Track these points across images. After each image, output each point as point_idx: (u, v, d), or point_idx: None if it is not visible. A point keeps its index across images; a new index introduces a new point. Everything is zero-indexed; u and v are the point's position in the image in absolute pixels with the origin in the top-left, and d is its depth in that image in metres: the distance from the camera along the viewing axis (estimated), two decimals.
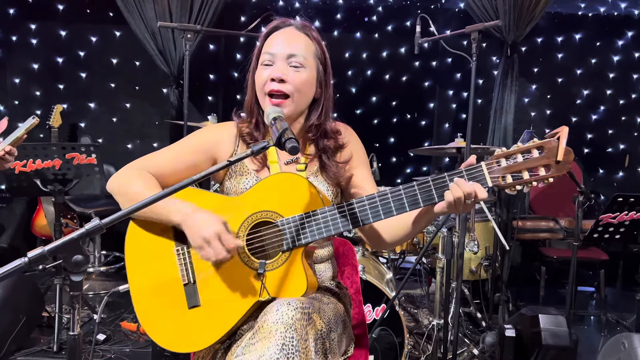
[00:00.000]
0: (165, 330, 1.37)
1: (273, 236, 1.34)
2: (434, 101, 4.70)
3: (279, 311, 1.18)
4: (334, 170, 1.46)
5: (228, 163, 1.13)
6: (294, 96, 1.40)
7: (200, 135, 1.52)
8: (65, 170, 2.94)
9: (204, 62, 4.39)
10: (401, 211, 1.27)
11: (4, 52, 4.50)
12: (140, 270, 1.40)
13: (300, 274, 1.30)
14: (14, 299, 2.82)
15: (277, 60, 1.40)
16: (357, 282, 1.68)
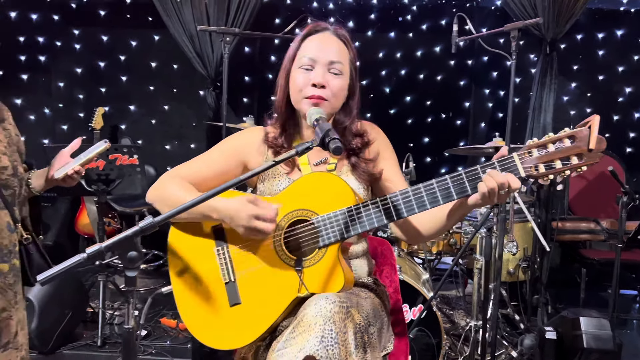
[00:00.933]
0: (209, 329, 1.41)
1: (309, 233, 1.37)
2: (469, 100, 4.64)
3: (317, 305, 1.22)
4: (363, 168, 1.49)
5: (274, 163, 1.17)
6: (331, 101, 1.44)
7: (229, 142, 1.58)
8: (108, 170, 3.04)
9: (239, 64, 4.45)
10: (435, 204, 1.29)
11: (49, 57, 4.68)
12: (183, 272, 1.45)
13: (338, 270, 1.33)
14: (60, 295, 2.94)
15: (318, 65, 1.43)
16: (396, 281, 1.69)
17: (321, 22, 1.50)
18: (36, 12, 4.57)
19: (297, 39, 1.49)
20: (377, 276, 1.63)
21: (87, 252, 0.98)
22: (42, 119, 4.73)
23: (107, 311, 3.25)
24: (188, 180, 1.49)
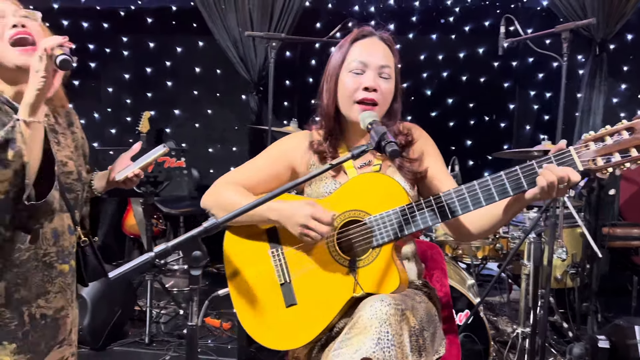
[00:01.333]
0: (266, 329, 1.43)
1: (362, 234, 1.38)
2: (514, 102, 4.55)
3: (373, 307, 1.22)
4: (408, 167, 1.49)
5: (330, 166, 1.19)
6: (381, 104, 1.45)
7: (277, 146, 1.61)
8: (156, 173, 3.13)
9: (280, 68, 4.50)
10: (490, 201, 1.28)
11: (99, 63, 4.85)
12: (239, 274, 1.48)
13: (393, 269, 1.33)
14: (111, 293, 3.03)
15: (369, 69, 1.44)
16: (447, 285, 1.68)
17: (367, 27, 1.53)
18: (87, 21, 4.75)
19: (345, 43, 1.51)
20: (427, 280, 1.62)
21: (155, 251, 1.01)
22: (92, 123, 4.91)
23: (154, 310, 3.33)
24: (241, 185, 1.53)
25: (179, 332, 3.19)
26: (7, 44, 1.37)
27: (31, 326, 1.42)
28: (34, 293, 1.43)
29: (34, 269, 1.42)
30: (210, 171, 4.84)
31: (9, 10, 1.40)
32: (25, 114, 1.27)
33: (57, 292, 1.48)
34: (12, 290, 1.38)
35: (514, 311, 3.50)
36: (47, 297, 1.45)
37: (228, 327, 3.25)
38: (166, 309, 3.53)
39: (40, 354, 1.45)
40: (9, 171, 1.24)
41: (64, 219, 1.47)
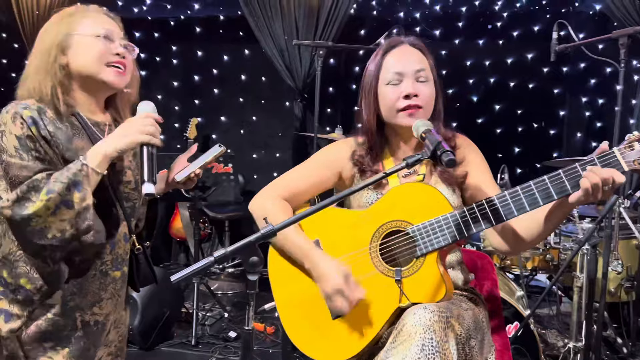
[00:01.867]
0: (313, 342, 1.44)
1: (405, 244, 1.39)
2: (564, 109, 4.42)
3: (417, 314, 1.23)
4: (450, 172, 1.48)
5: (384, 174, 1.19)
6: (425, 108, 1.46)
7: (323, 153, 1.63)
8: (204, 178, 3.20)
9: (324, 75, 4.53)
10: (534, 206, 1.26)
11: (150, 72, 5.02)
12: (284, 286, 1.50)
13: (438, 278, 1.33)
14: (159, 295, 3.12)
15: (405, 77, 1.45)
16: (497, 296, 1.65)
17: (396, 37, 1.55)
18: (139, 31, 4.92)
19: (376, 57, 1.53)
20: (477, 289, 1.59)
21: (215, 256, 1.04)
22: None
23: (199, 312, 3.40)
24: (287, 192, 1.56)
25: (224, 334, 3.24)
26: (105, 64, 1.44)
27: (83, 332, 1.47)
28: (89, 301, 1.47)
29: (92, 277, 1.46)
30: (254, 177, 4.92)
31: (117, 35, 1.48)
32: (96, 162, 1.33)
33: (109, 299, 1.52)
34: (68, 299, 1.43)
35: (563, 324, 3.39)
36: (100, 304, 1.50)
37: (272, 331, 3.28)
38: (211, 312, 3.60)
39: (89, 358, 1.50)
40: (72, 212, 1.30)
41: (122, 227, 1.50)
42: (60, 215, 1.30)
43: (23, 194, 1.29)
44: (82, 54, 1.42)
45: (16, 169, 1.31)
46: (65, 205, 1.29)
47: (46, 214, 1.28)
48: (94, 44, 1.43)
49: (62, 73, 1.40)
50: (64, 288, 1.41)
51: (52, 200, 1.28)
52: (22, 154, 1.33)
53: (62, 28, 1.43)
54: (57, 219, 1.30)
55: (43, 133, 1.35)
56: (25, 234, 1.32)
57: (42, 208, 1.28)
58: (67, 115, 1.42)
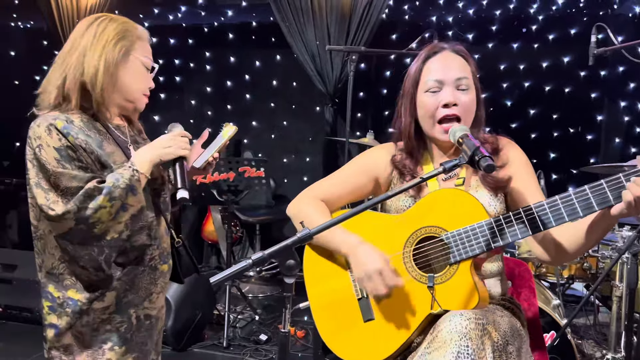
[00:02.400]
0: (344, 343, 1.45)
1: (439, 250, 1.37)
2: (602, 114, 4.31)
3: (452, 321, 1.21)
4: (491, 177, 1.45)
5: (421, 179, 1.18)
6: (464, 117, 1.43)
7: (360, 159, 1.64)
8: (237, 182, 3.25)
9: (355, 80, 4.54)
10: (574, 217, 1.23)
11: (184, 77, 5.12)
12: (318, 287, 1.51)
13: (471, 287, 1.31)
14: (192, 297, 3.17)
15: (445, 85, 1.43)
16: (535, 305, 1.62)
17: (438, 43, 1.51)
18: (174, 37, 5.03)
19: (417, 62, 1.51)
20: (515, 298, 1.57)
21: (252, 259, 1.06)
22: None
23: (231, 314, 3.44)
24: (324, 196, 1.58)
25: (254, 337, 3.27)
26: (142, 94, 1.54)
27: (137, 327, 1.51)
28: (141, 296, 1.52)
29: (141, 273, 1.51)
30: (284, 181, 4.96)
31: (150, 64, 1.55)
32: (145, 169, 1.42)
33: (159, 293, 1.57)
34: (122, 296, 1.47)
35: (600, 335, 3.29)
36: (151, 298, 1.54)
37: (302, 335, 3.29)
38: (242, 314, 3.63)
39: (146, 353, 1.54)
40: (128, 214, 1.38)
41: (162, 222, 1.56)
42: (119, 219, 1.37)
43: (82, 204, 1.34)
44: (133, 79, 1.50)
45: (66, 180, 1.36)
46: (123, 209, 1.38)
47: (108, 219, 1.36)
48: (143, 74, 1.52)
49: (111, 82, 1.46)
50: (117, 287, 1.46)
51: (115, 206, 1.36)
52: (65, 165, 1.37)
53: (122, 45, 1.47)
54: (116, 222, 1.37)
55: (78, 142, 1.40)
56: (86, 239, 1.38)
57: (105, 214, 1.35)
58: (91, 122, 1.47)
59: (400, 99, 1.54)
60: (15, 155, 5.33)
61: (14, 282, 3.34)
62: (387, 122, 4.78)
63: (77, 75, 1.43)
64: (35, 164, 1.38)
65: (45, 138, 1.37)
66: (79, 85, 1.43)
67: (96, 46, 1.44)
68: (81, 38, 1.46)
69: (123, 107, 1.54)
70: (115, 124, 1.54)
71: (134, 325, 1.51)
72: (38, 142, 1.38)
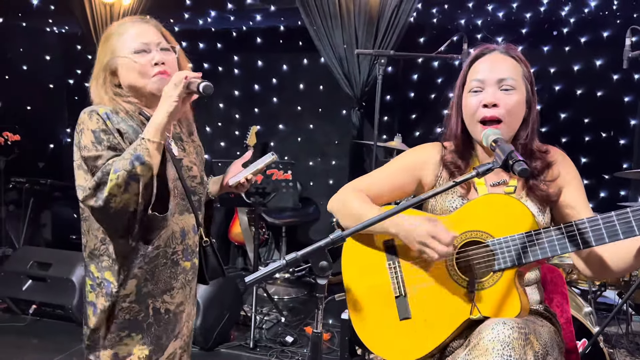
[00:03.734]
0: (378, 338, 1.45)
1: (483, 256, 1.35)
2: (635, 118, 4.21)
3: (495, 330, 1.20)
4: (541, 189, 1.42)
5: (454, 184, 1.19)
6: (506, 120, 1.41)
7: (405, 157, 1.62)
8: (265, 184, 3.28)
9: (382, 83, 4.55)
10: (629, 235, 1.19)
11: (213, 81, 5.14)
12: (356, 281, 1.51)
13: (514, 295, 1.29)
14: (221, 297, 3.21)
15: (487, 86, 1.42)
16: (568, 311, 1.60)
17: (489, 45, 1.50)
18: (203, 42, 5.12)
19: (466, 64, 1.51)
20: (547, 304, 1.55)
21: (286, 260, 1.08)
22: (204, 136, 5.18)
23: (257, 316, 3.47)
24: (366, 192, 1.56)
25: (280, 339, 3.29)
26: (149, 77, 1.53)
27: (154, 319, 1.54)
28: (160, 289, 1.54)
29: (162, 265, 1.54)
30: (310, 184, 4.98)
31: (153, 43, 1.55)
32: (151, 134, 1.41)
33: (180, 288, 1.59)
34: (142, 285, 1.51)
35: (632, 344, 3.21)
36: (171, 292, 1.57)
37: (327, 337, 3.30)
38: (268, 316, 3.66)
39: (161, 346, 1.56)
40: (140, 185, 1.38)
41: (190, 219, 1.59)
42: (132, 190, 1.38)
43: (100, 180, 1.39)
44: (127, 74, 1.54)
45: (92, 160, 1.42)
46: (134, 179, 1.37)
47: (119, 191, 1.36)
48: (133, 62, 1.52)
49: (117, 89, 1.54)
50: (137, 276, 1.50)
51: (121, 177, 1.36)
52: (97, 146, 1.43)
53: (107, 51, 1.56)
54: (131, 194, 1.38)
55: (117, 127, 1.46)
56: (111, 216, 1.42)
57: (114, 187, 1.36)
58: (136, 114, 1.53)
59: (451, 101, 1.54)
60: (49, 156, 5.48)
61: (49, 280, 3.43)
62: (414, 125, 4.77)
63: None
64: (77, 148, 1.46)
65: (86, 122, 1.46)
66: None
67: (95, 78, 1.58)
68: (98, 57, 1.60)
69: (143, 98, 1.56)
70: None
71: (151, 317, 1.53)
72: (81, 126, 1.47)
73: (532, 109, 1.46)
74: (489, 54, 1.47)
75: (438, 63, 4.56)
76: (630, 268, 1.33)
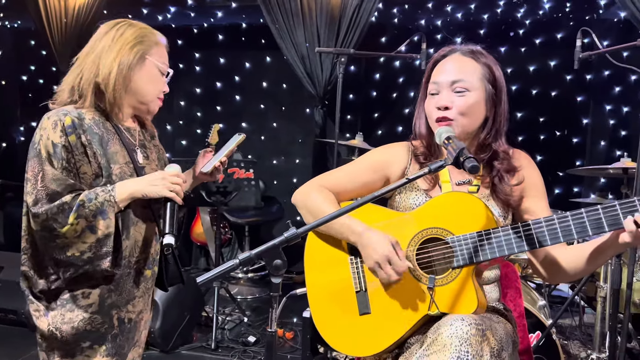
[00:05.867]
0: (337, 333, 1.46)
1: (442, 253, 1.37)
2: (587, 117, 4.37)
3: (453, 325, 1.22)
4: (505, 193, 1.44)
5: (407, 181, 1.19)
6: (459, 121, 1.41)
7: (373, 155, 1.61)
8: (226, 183, 3.25)
9: (345, 82, 4.56)
10: (582, 235, 1.22)
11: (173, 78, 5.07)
12: (317, 276, 1.51)
13: (471, 292, 1.31)
14: (181, 298, 3.16)
15: (441, 88, 1.44)
16: (521, 305, 1.64)
17: (449, 46, 1.50)
18: None
19: (428, 66, 1.51)
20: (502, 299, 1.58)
21: (239, 259, 1.06)
22: (164, 134, 5.14)
23: (219, 316, 3.43)
24: (332, 189, 1.55)
25: (243, 339, 3.26)
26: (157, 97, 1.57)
27: (119, 330, 1.51)
28: (124, 299, 1.52)
29: (127, 275, 1.51)
30: (274, 182, 4.96)
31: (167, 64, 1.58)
32: (122, 197, 1.42)
33: (140, 297, 1.57)
34: (105, 296, 1.48)
35: (585, 335, 3.33)
36: (133, 302, 1.55)
37: (290, 336, 3.29)
38: (231, 316, 3.63)
39: (123, 356, 1.54)
40: (95, 237, 1.38)
41: (152, 228, 1.56)
42: (83, 238, 1.38)
43: (53, 215, 1.36)
44: (147, 82, 1.52)
45: (48, 180, 1.39)
46: (90, 230, 1.38)
47: (72, 235, 1.37)
48: (159, 78, 1.54)
49: (123, 84, 1.49)
50: (102, 287, 1.47)
51: (80, 225, 1.37)
52: (54, 162, 1.40)
53: (139, 45, 1.50)
54: (80, 241, 1.39)
55: (82, 140, 1.43)
56: (47, 246, 1.41)
57: (70, 231, 1.37)
58: (102, 121, 1.49)
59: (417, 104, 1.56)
60: (1, 156, 5.28)
61: (0, 283, 3.30)
62: (377, 124, 4.81)
63: (92, 76, 1.48)
64: (34, 152, 1.42)
65: (49, 131, 1.42)
66: (94, 85, 1.48)
67: (112, 49, 1.48)
68: (99, 41, 1.51)
69: (137, 108, 1.56)
70: (127, 126, 1.56)
71: (116, 327, 1.51)
72: (42, 132, 1.43)
73: (497, 109, 1.45)
74: (450, 55, 1.48)
75: (399, 63, 4.62)
76: (584, 272, 1.37)
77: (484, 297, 1.38)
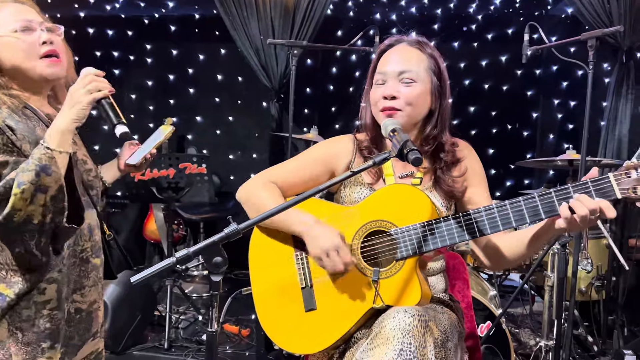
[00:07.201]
0: (283, 331, 1.43)
1: (387, 245, 1.37)
2: (537, 111, 4.49)
3: (396, 318, 1.21)
4: (448, 184, 1.46)
5: (351, 174, 1.18)
6: (405, 110, 1.42)
7: (318, 148, 1.60)
8: (178, 179, 3.15)
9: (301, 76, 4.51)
10: (521, 222, 1.25)
11: (123, 70, 4.93)
12: (262, 273, 1.48)
13: (415, 283, 1.31)
14: (131, 298, 3.06)
15: (388, 78, 1.44)
16: (469, 296, 1.65)
17: (395, 36, 1.50)
18: (112, 29, 4.84)
19: (375, 56, 1.51)
20: (449, 291, 1.60)
21: (176, 257, 1.02)
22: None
23: (173, 315, 3.35)
24: (277, 183, 1.53)
25: (197, 337, 3.20)
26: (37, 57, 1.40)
27: (66, 321, 1.44)
28: (71, 289, 1.45)
29: (72, 265, 1.44)
30: (230, 178, 4.88)
31: (36, 21, 1.42)
32: (56, 142, 1.30)
33: (92, 286, 1.51)
34: (62, 289, 1.40)
35: (536, 323, 3.43)
36: (82, 291, 1.48)
37: (246, 333, 3.25)
38: (185, 315, 3.54)
39: (74, 347, 1.46)
40: (47, 195, 1.28)
41: (92, 215, 1.51)
42: (38, 202, 1.28)
43: (1, 196, 1.26)
44: (10, 55, 1.39)
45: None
46: (40, 191, 1.27)
47: (24, 205, 1.26)
48: (16, 41, 1.39)
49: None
50: (57, 280, 1.38)
51: (27, 191, 1.26)
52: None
53: None
54: (36, 206, 1.28)
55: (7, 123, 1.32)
56: (13, 230, 1.30)
57: (18, 201, 1.25)
58: (20, 108, 1.39)
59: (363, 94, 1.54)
60: None
61: None
62: (334, 118, 4.79)
63: None
64: None
65: None
66: None
67: None
68: None
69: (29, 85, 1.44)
70: (46, 112, 1.47)
71: (64, 319, 1.43)
72: None
73: (442, 101, 1.46)
74: (397, 45, 1.48)
75: (356, 57, 4.61)
76: (523, 257, 1.39)
77: (429, 288, 1.39)
